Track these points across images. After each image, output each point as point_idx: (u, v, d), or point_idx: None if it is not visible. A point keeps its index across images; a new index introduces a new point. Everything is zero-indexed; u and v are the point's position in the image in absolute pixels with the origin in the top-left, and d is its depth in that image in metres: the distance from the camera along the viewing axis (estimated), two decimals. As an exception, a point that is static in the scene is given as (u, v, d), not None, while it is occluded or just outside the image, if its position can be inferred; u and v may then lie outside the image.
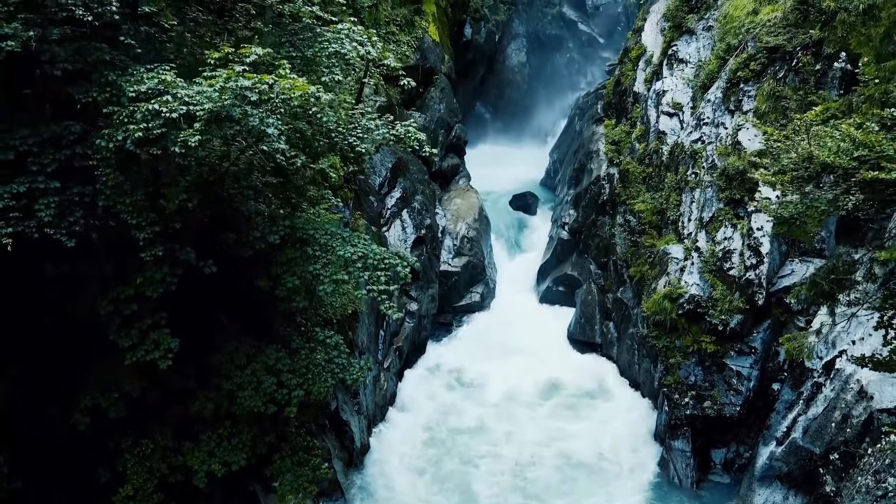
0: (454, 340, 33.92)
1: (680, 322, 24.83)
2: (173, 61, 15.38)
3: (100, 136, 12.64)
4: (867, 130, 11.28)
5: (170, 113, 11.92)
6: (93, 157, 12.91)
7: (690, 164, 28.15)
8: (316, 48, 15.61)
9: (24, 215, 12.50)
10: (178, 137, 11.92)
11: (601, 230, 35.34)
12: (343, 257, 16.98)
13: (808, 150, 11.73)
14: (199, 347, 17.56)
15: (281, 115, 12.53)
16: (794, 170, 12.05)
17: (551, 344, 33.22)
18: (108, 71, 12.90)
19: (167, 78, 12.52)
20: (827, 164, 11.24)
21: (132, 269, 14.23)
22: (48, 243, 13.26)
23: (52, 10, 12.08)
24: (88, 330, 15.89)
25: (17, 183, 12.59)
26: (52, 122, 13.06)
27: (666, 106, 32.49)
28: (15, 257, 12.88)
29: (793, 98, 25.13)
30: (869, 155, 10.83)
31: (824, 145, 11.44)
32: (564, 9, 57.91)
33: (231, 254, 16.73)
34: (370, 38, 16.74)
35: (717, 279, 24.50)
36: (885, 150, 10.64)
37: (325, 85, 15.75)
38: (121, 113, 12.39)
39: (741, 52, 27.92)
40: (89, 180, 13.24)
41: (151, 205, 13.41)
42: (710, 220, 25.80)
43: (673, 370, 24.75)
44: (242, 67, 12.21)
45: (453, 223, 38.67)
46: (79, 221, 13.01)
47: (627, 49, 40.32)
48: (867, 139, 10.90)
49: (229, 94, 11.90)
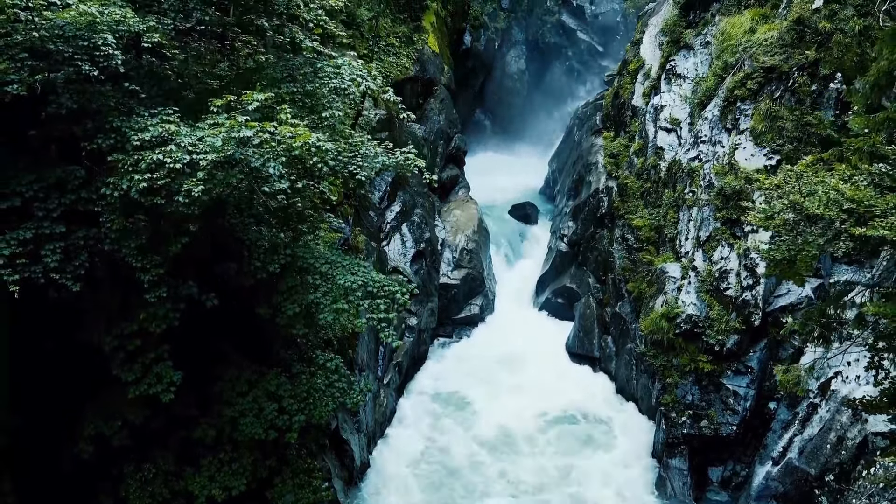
0: (453, 354, 34.07)
1: (677, 341, 25.05)
2: (176, 92, 15.62)
3: (105, 184, 12.85)
4: (856, 184, 11.50)
5: (174, 163, 12.14)
6: (98, 203, 13.12)
7: (688, 183, 28.35)
8: (316, 83, 15.82)
9: (30, 261, 12.72)
10: (182, 186, 12.14)
11: (600, 243, 35.54)
12: (343, 286, 17.17)
13: (798, 200, 11.95)
14: (201, 374, 17.78)
15: (283, 162, 12.76)
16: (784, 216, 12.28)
17: (550, 358, 33.38)
18: (113, 117, 13.11)
19: (171, 127, 12.73)
20: (816, 214, 11.47)
21: (136, 304, 14.43)
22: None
23: (57, 59, 12.29)
24: (91, 357, 16.09)
25: (23, 229, 12.81)
26: (58, 166, 13.26)
27: (664, 121, 32.71)
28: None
29: (789, 118, 25.34)
30: (857, 208, 11.05)
31: (814, 195, 11.66)
32: (564, 17, 58.10)
33: (232, 283, 16.93)
34: (370, 72, 16.96)
35: (713, 299, 24.71)
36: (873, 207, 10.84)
37: (325, 120, 15.98)
38: (125, 161, 12.61)
39: (738, 70, 28.11)
40: (94, 222, 13.45)
41: (155, 247, 13.63)
42: (707, 240, 26.00)
43: (670, 389, 24.97)
44: (245, 118, 12.41)
45: (452, 235, 38.84)
46: (84, 265, 13.24)
47: (626, 61, 40.55)
48: (855, 195, 11.12)
49: (232, 144, 12.12)
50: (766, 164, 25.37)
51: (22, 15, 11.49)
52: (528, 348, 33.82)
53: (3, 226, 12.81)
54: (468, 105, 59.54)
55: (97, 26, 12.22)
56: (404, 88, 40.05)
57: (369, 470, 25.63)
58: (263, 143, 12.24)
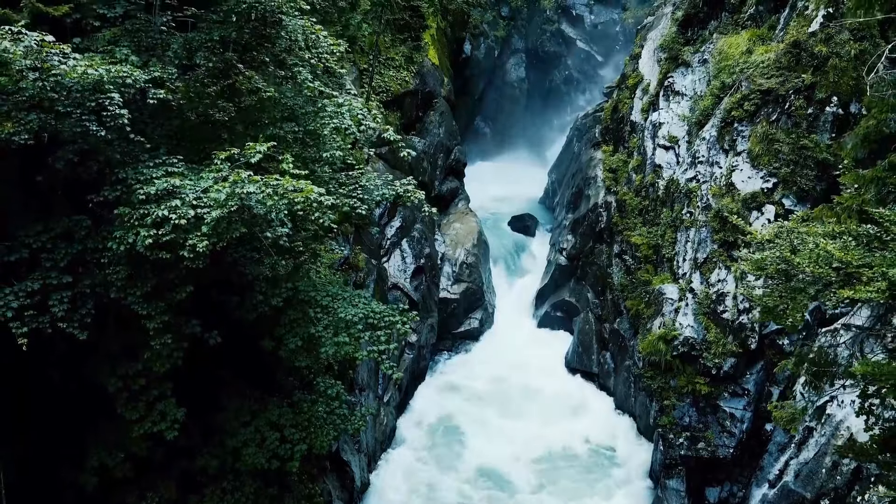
0: (453, 371, 34.32)
1: (675, 363, 25.30)
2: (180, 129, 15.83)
3: (112, 239, 13.09)
4: (845, 245, 11.73)
5: (178, 220, 12.39)
6: (104, 254, 13.35)
7: (685, 203, 28.56)
8: (318, 123, 16.04)
9: (38, 311, 12.96)
10: (187, 242, 12.39)
11: (598, 258, 35.78)
12: (344, 319, 17.40)
13: (788, 256, 12.18)
14: (203, 404, 18.00)
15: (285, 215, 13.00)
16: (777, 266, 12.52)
17: (549, 374, 33.66)
18: (119, 168, 13.35)
19: (176, 181, 12.96)
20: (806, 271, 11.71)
21: (140, 344, 14.66)
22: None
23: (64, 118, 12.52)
24: (96, 390, 16.30)
25: (31, 280, 13.05)
26: (65, 215, 13.49)
27: (662, 139, 32.92)
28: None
29: (785, 142, 25.53)
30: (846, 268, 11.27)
31: (804, 251, 11.90)
32: (563, 26, 58.34)
33: (235, 316, 17.15)
34: (370, 111, 17.19)
35: (710, 322, 24.94)
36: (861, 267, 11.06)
37: (325, 161, 16.22)
38: (132, 216, 12.85)
39: (735, 91, 28.30)
40: (100, 269, 13.67)
41: (160, 294, 13.87)
42: (704, 262, 26.23)
43: (668, 411, 25.21)
44: (248, 172, 12.64)
45: (452, 249, 39.04)
46: (90, 313, 13.48)
47: (625, 76, 40.75)
48: (843, 256, 11.34)
49: (236, 200, 12.36)
50: (763, 187, 25.59)
51: (31, 75, 11.70)
52: (528, 364, 34.10)
53: (12, 276, 13.08)
54: (468, 113, 59.78)
55: (104, 85, 12.46)
56: (404, 102, 40.30)
57: (370, 489, 25.88)
58: (266, 198, 12.49)
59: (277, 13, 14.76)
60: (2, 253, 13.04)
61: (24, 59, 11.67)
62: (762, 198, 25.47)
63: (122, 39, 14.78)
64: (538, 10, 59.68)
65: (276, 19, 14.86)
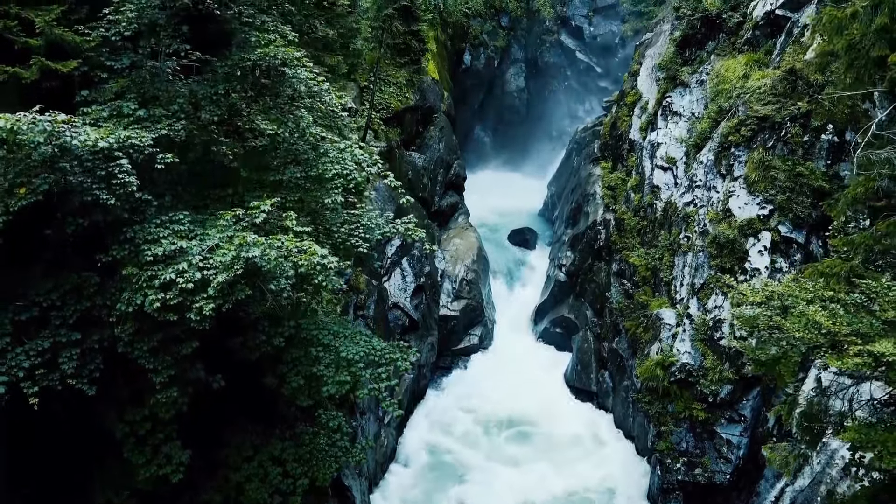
0: (452, 389, 34.51)
1: (672, 388, 25.61)
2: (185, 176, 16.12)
3: (120, 301, 13.40)
4: (833, 313, 12.04)
5: (185, 283, 12.71)
6: (112, 312, 13.66)
7: (683, 227, 28.85)
8: (320, 169, 16.35)
9: (48, 370, 13.28)
10: (193, 304, 12.71)
11: (597, 276, 36.08)
12: (346, 358, 17.69)
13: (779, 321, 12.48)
14: (207, 442, 18.28)
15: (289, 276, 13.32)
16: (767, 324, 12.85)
17: (548, 392, 33.90)
18: (126, 227, 13.66)
19: (182, 244, 13.26)
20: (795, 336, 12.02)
21: (146, 390, 14.96)
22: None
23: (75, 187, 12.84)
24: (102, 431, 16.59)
25: (41, 338, 13.36)
26: (74, 271, 13.80)
27: (660, 159, 33.22)
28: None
29: (782, 168, 25.81)
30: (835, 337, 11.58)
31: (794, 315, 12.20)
32: (563, 37, 58.60)
33: (238, 356, 17.44)
34: (370, 156, 17.49)
35: (707, 348, 25.25)
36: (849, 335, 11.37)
37: (328, 206, 16.53)
38: (140, 277, 13.16)
39: (732, 116, 28.61)
40: (107, 323, 13.97)
41: (166, 348, 14.18)
42: (701, 287, 26.53)
43: (665, 436, 25.52)
44: (253, 236, 12.95)
45: (452, 265, 39.28)
46: (98, 367, 13.79)
47: (623, 92, 41.05)
48: (831, 327, 11.64)
49: (241, 264, 12.66)
50: (760, 214, 25.89)
51: (42, 147, 11.99)
52: (527, 382, 34.32)
53: (22, 334, 13.39)
54: (468, 122, 60.09)
55: (113, 153, 12.76)
56: (404, 118, 40.60)
57: (371, 513, 26.21)
58: (271, 260, 12.79)
59: (280, 67, 15.05)
60: (14, 312, 13.35)
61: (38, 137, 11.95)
62: (758, 224, 25.76)
63: (129, 91, 15.07)
64: (538, 21, 59.93)
65: (279, 72, 15.16)
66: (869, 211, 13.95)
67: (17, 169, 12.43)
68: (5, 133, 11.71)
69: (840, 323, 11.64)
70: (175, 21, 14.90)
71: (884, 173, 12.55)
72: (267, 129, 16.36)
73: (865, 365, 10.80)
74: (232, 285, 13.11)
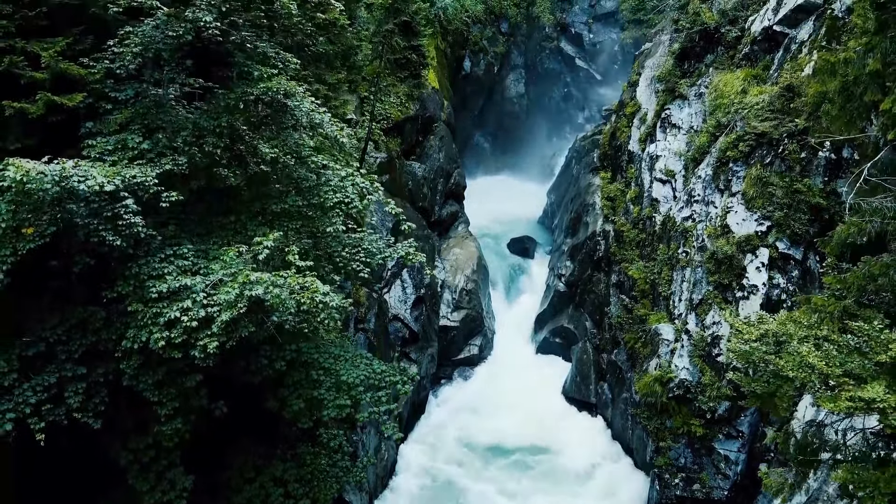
0: (452, 402, 34.74)
1: (670, 404, 25.79)
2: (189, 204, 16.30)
3: (126, 338, 13.61)
4: (827, 353, 12.23)
5: (190, 322, 12.91)
6: (118, 348, 13.86)
7: (681, 242, 29.03)
8: (321, 198, 16.54)
9: (54, 405, 13.49)
10: (198, 342, 12.91)
11: (596, 286, 36.27)
12: (346, 382, 17.88)
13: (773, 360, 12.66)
14: (209, 464, 18.50)
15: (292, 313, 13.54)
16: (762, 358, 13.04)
17: (547, 403, 34.13)
18: (132, 262, 13.85)
19: (187, 281, 13.46)
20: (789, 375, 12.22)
21: (151, 418, 15.16)
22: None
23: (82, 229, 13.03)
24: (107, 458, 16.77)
25: (47, 373, 13.58)
26: (80, 305, 14.01)
27: (659, 172, 33.40)
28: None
29: (779, 185, 25.95)
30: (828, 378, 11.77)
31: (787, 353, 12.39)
32: (563, 44, 58.80)
33: (240, 380, 17.63)
34: (371, 183, 17.68)
35: (705, 364, 25.42)
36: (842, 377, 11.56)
37: (329, 235, 16.74)
38: (145, 314, 13.36)
39: (730, 131, 28.78)
40: (112, 356, 14.17)
41: (171, 380, 14.38)
42: (699, 303, 26.71)
43: (664, 452, 25.72)
44: (256, 275, 13.14)
45: (452, 275, 39.45)
46: (104, 401, 14.00)
47: (623, 102, 41.22)
48: (824, 369, 11.83)
49: (245, 302, 12.86)
50: (758, 230, 26.06)
51: (51, 191, 12.17)
52: (526, 393, 34.51)
53: (29, 369, 13.59)
54: (468, 128, 60.27)
55: (119, 193, 12.95)
56: (404, 127, 40.76)
57: (372, 527, 26.42)
58: (274, 298, 13.00)
59: (283, 99, 15.23)
60: (21, 348, 13.56)
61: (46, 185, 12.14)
62: (756, 241, 25.93)
63: (133, 122, 15.25)
64: (537, 27, 60.14)
65: (281, 104, 15.34)
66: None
67: (24, 208, 12.61)
68: (15, 183, 11.89)
69: (833, 364, 11.83)
70: (178, 56, 15.08)
71: (875, 221, 12.76)
72: (269, 154, 16.54)
73: (857, 408, 10.99)
74: (236, 322, 13.31)
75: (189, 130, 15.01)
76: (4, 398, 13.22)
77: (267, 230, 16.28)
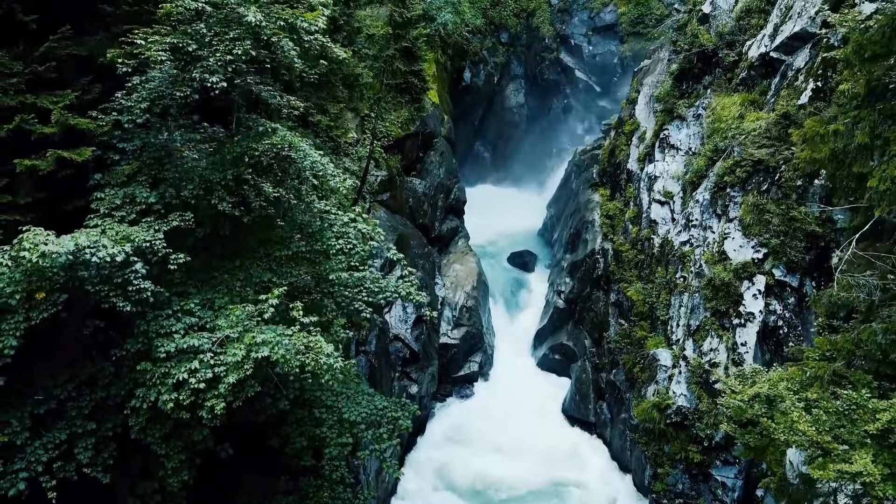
0: (452, 419, 34.99)
1: (668, 430, 26.13)
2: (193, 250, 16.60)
3: (135, 397, 13.94)
4: (817, 418, 12.56)
5: (197, 384, 13.23)
6: (126, 405, 14.19)
7: (679, 267, 29.37)
8: (325, 244, 16.88)
9: (64, 461, 13.82)
10: (205, 402, 13.23)
11: (595, 305, 36.61)
12: (348, 420, 18.21)
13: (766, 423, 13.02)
14: (213, 501, 18.80)
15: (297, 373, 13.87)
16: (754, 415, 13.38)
17: (547, 422, 34.45)
18: (140, 320, 14.18)
19: (194, 342, 13.79)
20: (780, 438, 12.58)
21: (156, 465, 15.47)
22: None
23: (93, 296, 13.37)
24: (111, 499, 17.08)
25: (58, 430, 13.89)
26: (89, 359, 14.35)
27: (657, 193, 33.74)
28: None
29: (776, 213, 26.24)
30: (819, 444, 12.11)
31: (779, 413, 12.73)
32: (562, 55, 59.05)
33: (245, 419, 17.93)
34: (373, 229, 18.01)
35: (703, 391, 25.76)
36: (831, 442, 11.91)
37: (333, 282, 17.08)
38: (154, 373, 13.68)
39: (728, 156, 29.08)
40: (120, 409, 14.50)
41: (178, 432, 14.71)
42: (697, 329, 27.04)
43: (662, 477, 26.07)
44: (262, 336, 13.46)
45: (452, 292, 39.75)
46: (113, 455, 14.33)
47: (622, 120, 41.53)
48: (815, 437, 12.17)
49: (251, 364, 13.20)
50: (754, 257, 26.37)
51: (62, 259, 12.47)
52: (526, 412, 34.83)
53: (40, 426, 13.92)
54: (468, 138, 60.63)
55: (129, 258, 13.26)
56: (405, 144, 41.09)
57: (373, 551, 26.71)
58: (280, 359, 13.33)
59: (287, 153, 15.54)
60: (33, 406, 13.89)
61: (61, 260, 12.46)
62: (753, 268, 26.24)
63: (141, 173, 15.56)
64: (537, 38, 60.44)
65: (286, 155, 15.65)
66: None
67: (36, 276, 12.90)
68: (30, 264, 12.21)
69: (822, 429, 12.16)
70: (186, 111, 15.40)
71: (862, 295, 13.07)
72: (272, 193, 16.86)
73: (844, 479, 11.33)
74: (242, 383, 13.64)
75: (196, 183, 15.32)
76: (17, 457, 13.55)
77: (270, 275, 16.63)
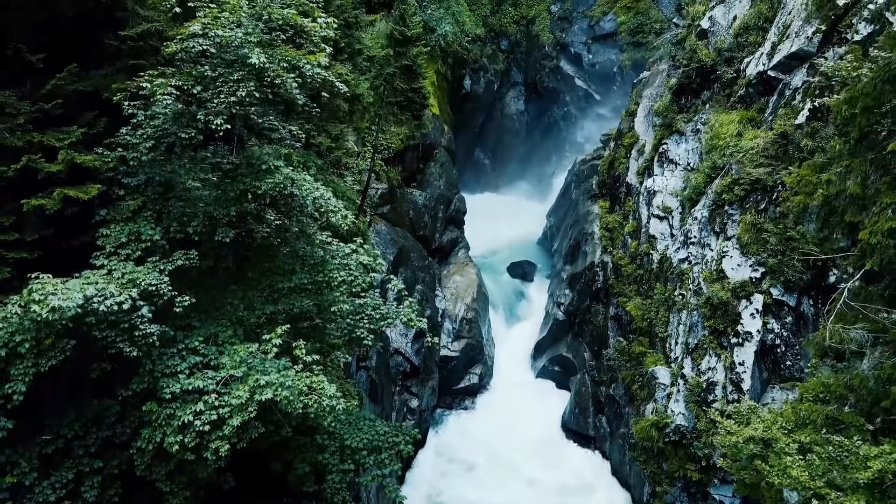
0: (452, 432, 35.24)
1: (666, 449, 26.36)
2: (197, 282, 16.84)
3: (141, 438, 14.18)
4: (809, 463, 12.79)
5: (202, 426, 13.47)
6: (132, 445, 14.43)
7: (678, 284, 29.58)
8: (327, 276, 17.12)
9: (71, 501, 14.06)
10: (210, 444, 13.47)
11: (595, 318, 36.83)
12: (350, 446, 18.44)
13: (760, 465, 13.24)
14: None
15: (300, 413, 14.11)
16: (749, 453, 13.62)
17: (546, 437, 34.68)
18: (146, 359, 14.40)
19: (199, 384, 14.02)
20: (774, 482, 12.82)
21: (161, 498, 15.70)
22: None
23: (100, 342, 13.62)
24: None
25: (65, 468, 14.14)
26: (95, 398, 14.58)
27: (656, 208, 33.94)
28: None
29: (773, 232, 26.44)
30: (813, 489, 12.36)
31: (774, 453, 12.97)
32: (562, 63, 59.27)
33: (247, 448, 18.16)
34: (375, 259, 18.25)
35: (701, 410, 25.97)
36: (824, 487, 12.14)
37: (334, 315, 17.32)
38: (159, 414, 13.92)
39: (726, 174, 29.28)
40: (126, 446, 14.75)
41: (181, 468, 14.94)
42: (695, 347, 27.26)
43: (660, 496, 26.31)
44: (266, 379, 13.69)
45: (452, 304, 39.97)
46: (118, 493, 14.57)
47: (621, 132, 41.71)
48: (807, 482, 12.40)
49: (254, 407, 13.43)
50: (752, 276, 26.58)
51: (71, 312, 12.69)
52: (525, 425, 35.08)
53: (48, 465, 14.15)
54: (468, 145, 60.88)
55: (135, 303, 13.50)
56: (405, 156, 41.34)
57: (375, 568, 26.96)
58: (283, 400, 13.57)
59: (289, 188, 15.77)
60: (41, 446, 14.13)
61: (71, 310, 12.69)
62: (751, 287, 26.46)
63: (145, 208, 15.79)
64: (537, 46, 60.70)
65: (289, 192, 15.89)
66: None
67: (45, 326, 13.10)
68: (44, 317, 12.44)
69: (815, 473, 12.39)
70: (190, 151, 15.63)
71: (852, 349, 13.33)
72: (274, 221, 17.11)
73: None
74: (245, 425, 13.87)
75: (200, 220, 15.55)
76: (26, 497, 13.80)
77: (273, 307, 16.85)
